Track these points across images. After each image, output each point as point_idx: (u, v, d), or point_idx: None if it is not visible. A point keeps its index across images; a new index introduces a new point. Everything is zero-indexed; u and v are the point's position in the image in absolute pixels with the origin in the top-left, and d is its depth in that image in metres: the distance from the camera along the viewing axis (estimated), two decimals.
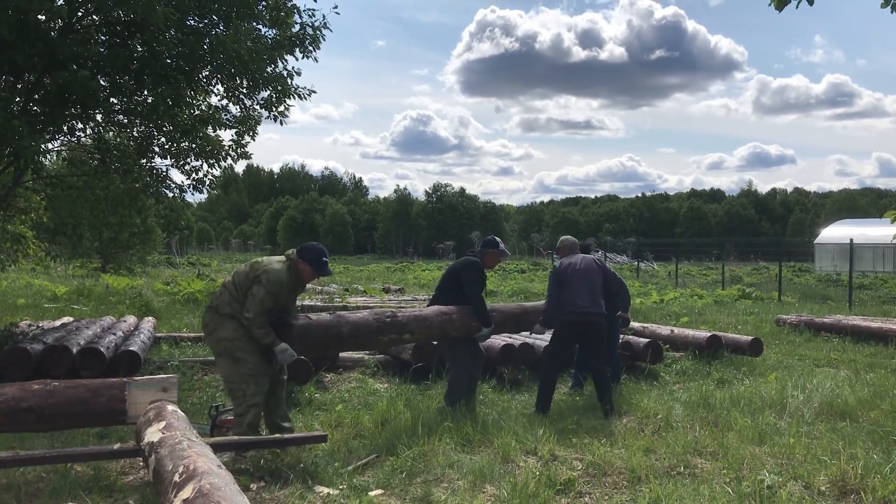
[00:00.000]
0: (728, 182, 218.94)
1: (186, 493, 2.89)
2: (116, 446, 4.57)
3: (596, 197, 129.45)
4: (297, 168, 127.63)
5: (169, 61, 8.63)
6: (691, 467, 5.33)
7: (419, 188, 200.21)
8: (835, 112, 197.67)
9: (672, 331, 10.79)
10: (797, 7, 5.89)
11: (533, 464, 5.37)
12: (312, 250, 5.77)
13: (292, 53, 9.43)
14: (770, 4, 6.11)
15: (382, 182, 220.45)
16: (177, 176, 21.74)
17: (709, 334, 10.06)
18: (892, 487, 4.79)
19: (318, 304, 14.95)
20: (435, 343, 8.08)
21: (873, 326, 12.42)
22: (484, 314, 6.92)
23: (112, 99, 9.10)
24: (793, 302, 20.47)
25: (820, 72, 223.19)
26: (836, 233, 41.29)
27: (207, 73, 9.25)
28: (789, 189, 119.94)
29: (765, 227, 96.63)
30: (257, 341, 5.46)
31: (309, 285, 7.44)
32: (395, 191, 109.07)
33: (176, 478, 3.12)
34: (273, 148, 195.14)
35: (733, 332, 11.82)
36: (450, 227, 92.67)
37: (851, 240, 21.24)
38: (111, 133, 10.56)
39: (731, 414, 6.73)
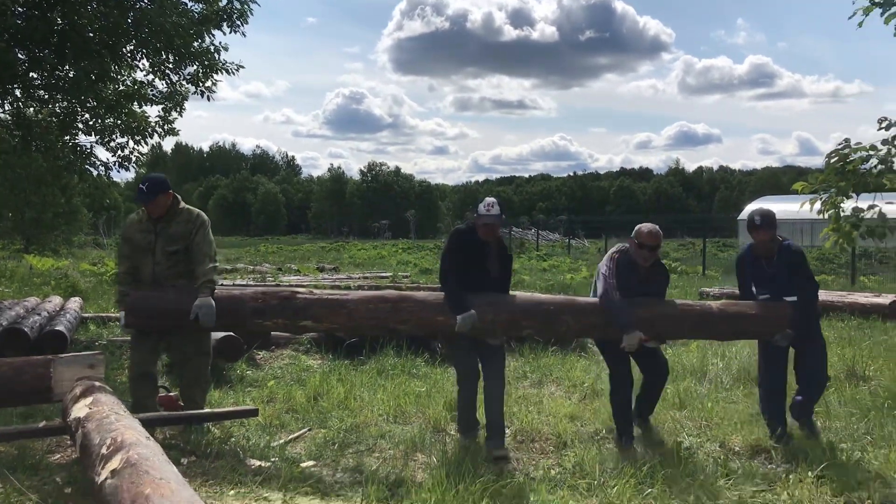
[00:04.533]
0: (656, 161, 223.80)
1: (114, 463, 2.91)
2: (42, 424, 4.52)
3: (529, 176, 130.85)
4: (227, 146, 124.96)
5: (91, 35, 8.44)
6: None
7: (353, 167, 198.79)
8: (757, 92, 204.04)
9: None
10: None
11: None
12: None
13: (219, 28, 9.30)
14: None
15: (316, 161, 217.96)
16: (102, 153, 21.16)
17: None
18: (799, 444, 5.08)
19: (250, 283, 14.83)
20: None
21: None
22: (448, 296, 5.13)
23: (32, 73, 8.87)
24: (716, 276, 21.16)
25: (743, 53, 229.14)
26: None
27: (132, 47, 9.08)
28: (715, 167, 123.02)
29: (692, 205, 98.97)
30: None
31: (241, 265, 7.03)
32: (329, 170, 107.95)
33: (103, 450, 3.13)
34: (202, 126, 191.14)
35: None
36: (385, 207, 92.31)
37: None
38: (32, 109, 10.26)
39: None
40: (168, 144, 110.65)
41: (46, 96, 9.67)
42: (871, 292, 13.68)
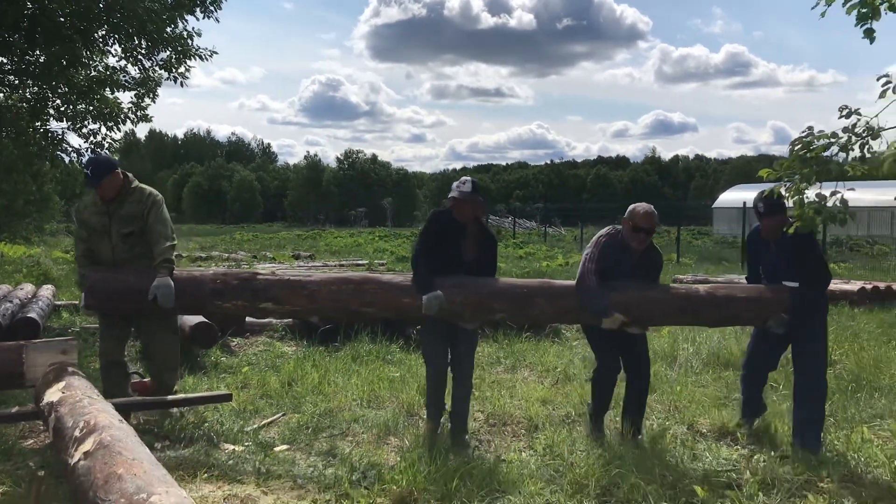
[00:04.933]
0: (633, 149, 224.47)
1: (87, 445, 2.93)
2: (14, 409, 4.52)
3: (507, 164, 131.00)
4: (202, 134, 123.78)
5: (62, 19, 8.36)
6: (586, 415, 5.61)
7: (330, 155, 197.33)
8: (733, 81, 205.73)
9: None
10: None
11: None
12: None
13: (192, 13, 9.25)
14: None
15: (292, 148, 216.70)
16: (74, 140, 20.97)
17: None
18: (765, 426, 5.21)
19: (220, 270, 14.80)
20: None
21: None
22: (415, 277, 4.91)
23: (1, 58, 8.77)
24: (690, 263, 21.39)
25: (719, 42, 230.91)
26: (732, 197, 42.97)
27: (104, 32, 9.02)
28: (691, 156, 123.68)
29: (668, 193, 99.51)
30: None
31: (216, 252, 7.00)
32: (306, 157, 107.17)
33: (76, 433, 3.15)
34: (177, 113, 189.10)
35: None
36: (362, 195, 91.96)
37: (745, 203, 22.20)
38: (2, 94, 10.14)
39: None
40: (142, 131, 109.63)
41: (17, 81, 9.57)
42: (840, 279, 13.91)
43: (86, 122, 10.07)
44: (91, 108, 9.92)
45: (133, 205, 5.13)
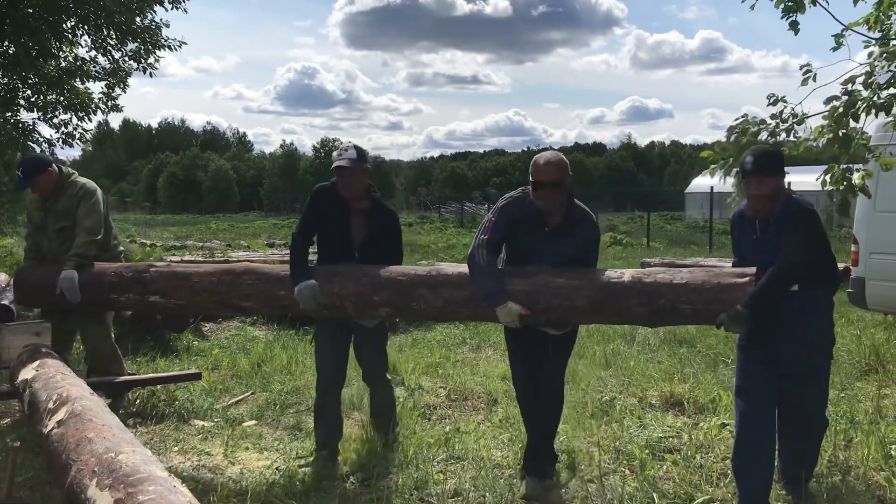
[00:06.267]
0: (609, 136, 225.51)
1: (60, 415, 3.15)
2: None
3: (484, 151, 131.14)
4: (176, 123, 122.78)
5: (30, 10, 8.46)
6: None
7: (306, 143, 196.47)
8: (708, 67, 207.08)
9: None
10: None
11: (400, 392, 5.80)
12: None
13: (161, 4, 9.36)
14: None
15: (268, 137, 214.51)
16: (45, 130, 20.92)
17: None
18: (711, 397, 5.50)
19: (197, 259, 14.88)
20: None
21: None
22: (291, 265, 4.19)
23: None
24: (659, 247, 21.79)
25: (694, 28, 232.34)
26: (704, 182, 43.39)
27: (73, 23, 9.11)
28: (667, 142, 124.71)
29: (643, 179, 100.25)
30: None
31: (190, 242, 7.00)
32: (282, 146, 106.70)
33: (50, 405, 3.36)
34: (151, 102, 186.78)
35: None
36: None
37: (712, 188, 22.63)
38: None
39: (585, 343, 7.34)
40: (115, 121, 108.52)
41: None
42: None
43: (56, 113, 10.18)
44: (61, 98, 10.03)
45: (67, 199, 5.06)
